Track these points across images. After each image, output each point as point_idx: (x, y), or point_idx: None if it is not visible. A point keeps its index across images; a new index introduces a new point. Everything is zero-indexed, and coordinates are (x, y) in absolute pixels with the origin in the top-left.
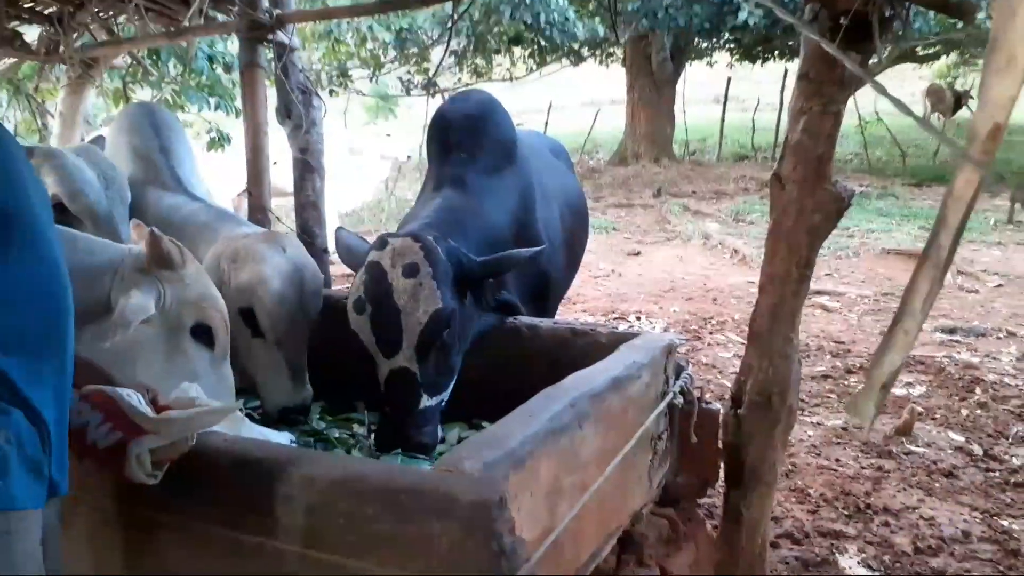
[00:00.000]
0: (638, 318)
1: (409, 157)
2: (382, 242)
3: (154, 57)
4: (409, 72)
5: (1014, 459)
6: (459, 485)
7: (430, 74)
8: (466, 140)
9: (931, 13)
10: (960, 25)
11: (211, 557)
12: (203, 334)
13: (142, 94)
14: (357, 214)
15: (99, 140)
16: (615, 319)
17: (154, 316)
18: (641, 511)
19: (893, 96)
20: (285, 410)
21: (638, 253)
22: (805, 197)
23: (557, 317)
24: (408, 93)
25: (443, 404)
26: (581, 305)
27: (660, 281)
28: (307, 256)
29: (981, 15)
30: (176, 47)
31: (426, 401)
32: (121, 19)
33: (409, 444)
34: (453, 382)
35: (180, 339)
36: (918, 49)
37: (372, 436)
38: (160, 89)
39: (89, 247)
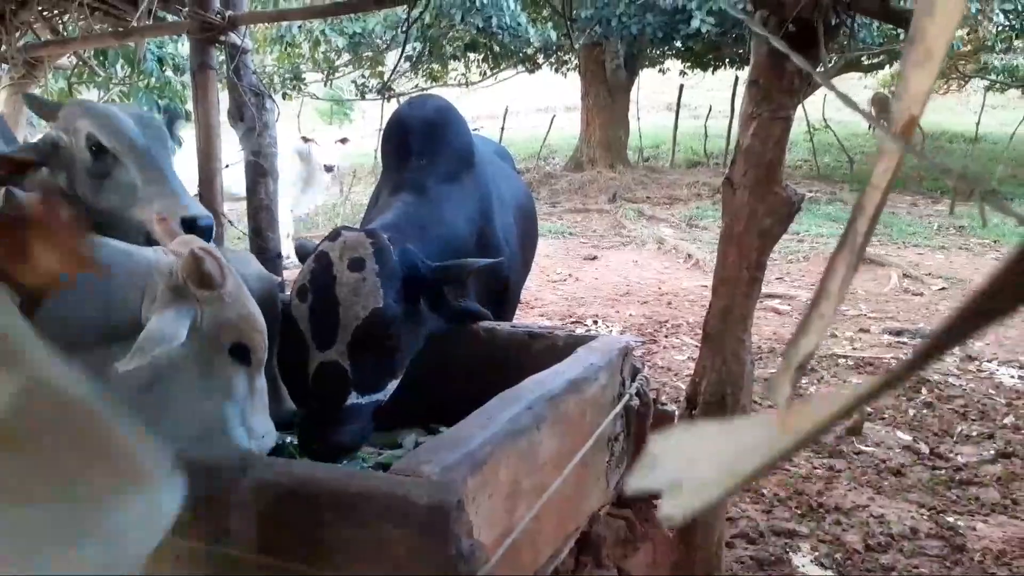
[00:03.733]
0: (595, 322)
1: (335, 168)
2: (336, 234)
3: (101, 57)
4: (363, 76)
5: (959, 457)
6: (416, 489)
7: (385, 78)
8: (425, 146)
9: (875, 24)
10: (902, 36)
11: (161, 565)
12: (241, 352)
13: (89, 95)
14: (312, 218)
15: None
16: (572, 323)
17: (190, 338)
18: (598, 512)
19: (839, 91)
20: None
21: (594, 258)
22: (756, 201)
23: (515, 321)
24: (363, 97)
25: (379, 404)
26: (539, 309)
27: (616, 285)
28: (252, 265)
29: None
30: (124, 47)
31: (355, 399)
32: (66, 18)
33: (327, 443)
34: (394, 383)
35: (218, 359)
36: (863, 59)
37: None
38: (108, 90)
39: (114, 258)
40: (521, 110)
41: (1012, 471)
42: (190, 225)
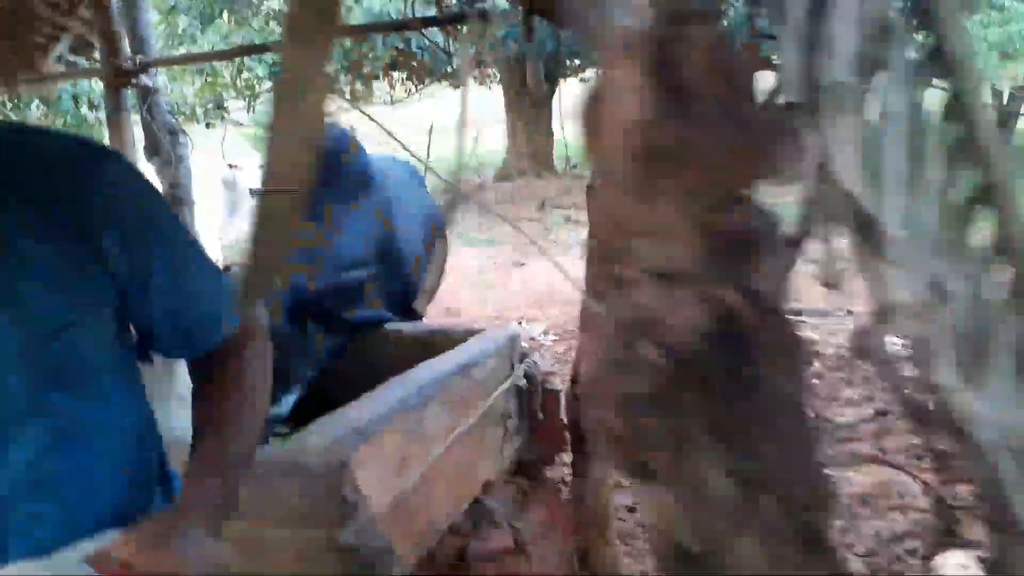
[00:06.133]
0: (519, 322)
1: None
2: (225, 268)
3: (15, 100)
4: None
5: (839, 418)
6: (309, 455)
7: None
8: (323, 174)
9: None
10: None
11: None
12: None
13: None
14: (241, 244)
15: None
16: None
17: None
18: (492, 481)
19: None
20: None
21: (522, 264)
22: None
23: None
24: None
25: (278, 418)
26: (468, 316)
27: (542, 289)
28: None
29: None
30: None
31: None
32: None
33: None
34: (291, 397)
35: (173, 363)
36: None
37: None
38: None
39: None
40: (449, 125)
41: (886, 427)
42: None
